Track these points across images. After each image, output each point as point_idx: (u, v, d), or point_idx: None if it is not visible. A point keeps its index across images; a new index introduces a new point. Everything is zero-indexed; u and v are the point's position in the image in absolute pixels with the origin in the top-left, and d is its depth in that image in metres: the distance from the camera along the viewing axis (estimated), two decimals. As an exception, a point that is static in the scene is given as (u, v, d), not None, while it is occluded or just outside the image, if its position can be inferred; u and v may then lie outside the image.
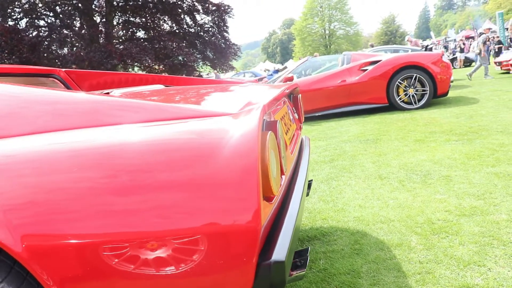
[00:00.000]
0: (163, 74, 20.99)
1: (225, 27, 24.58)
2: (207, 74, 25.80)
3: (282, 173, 1.32)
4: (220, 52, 24.38)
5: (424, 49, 10.30)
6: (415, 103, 7.14)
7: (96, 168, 1.06)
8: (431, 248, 2.16)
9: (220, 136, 1.05)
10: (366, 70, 7.44)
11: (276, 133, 1.25)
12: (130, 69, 22.90)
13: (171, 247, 1.01)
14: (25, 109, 1.32)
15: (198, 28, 24.03)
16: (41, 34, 20.95)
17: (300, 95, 2.44)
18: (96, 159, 1.08)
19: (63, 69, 2.82)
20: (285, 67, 25.12)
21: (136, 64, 21.98)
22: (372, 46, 17.57)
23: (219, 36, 24.68)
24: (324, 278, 2.04)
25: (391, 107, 7.31)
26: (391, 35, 60.54)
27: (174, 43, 22.61)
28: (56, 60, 20.41)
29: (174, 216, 1.01)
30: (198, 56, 23.90)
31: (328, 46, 56.85)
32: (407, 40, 16.03)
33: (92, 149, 1.10)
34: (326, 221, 2.75)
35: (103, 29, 21.55)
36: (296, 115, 2.27)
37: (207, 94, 1.84)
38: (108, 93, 1.75)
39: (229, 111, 1.17)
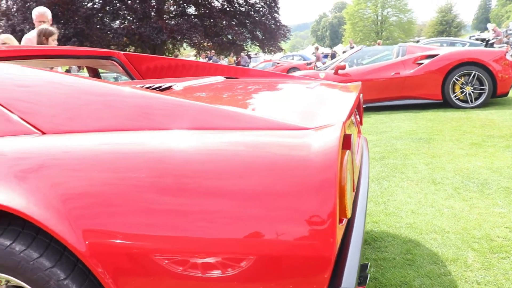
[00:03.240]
0: (212, 52, 20.93)
1: (276, 8, 24.35)
2: (255, 54, 25.66)
3: (353, 189, 1.26)
4: (270, 33, 24.22)
5: (484, 44, 9.81)
6: (471, 101, 6.83)
7: (152, 171, 1.05)
8: (489, 268, 2.05)
9: (298, 152, 1.01)
10: (422, 63, 7.16)
11: (351, 150, 1.19)
12: (179, 45, 23.09)
13: (227, 258, 0.98)
14: (80, 100, 1.32)
15: (249, 7, 23.90)
16: (95, 6, 21.39)
17: (362, 94, 2.35)
18: (153, 162, 1.06)
19: (122, 52, 2.83)
20: (334, 52, 24.66)
21: (185, 40, 22.14)
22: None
23: (270, 17, 24.49)
24: (374, 289, 1.98)
25: (445, 104, 7.03)
26: (446, 25, 58.18)
27: (224, 21, 22.64)
28: (108, 32, 20.85)
29: (239, 227, 0.98)
30: (247, 35, 23.82)
31: (380, 33, 55.41)
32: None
33: (152, 153, 1.08)
34: (377, 225, 2.67)
35: (155, 4, 21.75)
36: (358, 117, 2.19)
37: (275, 94, 1.79)
38: (170, 86, 1.72)
39: (307, 125, 1.12)
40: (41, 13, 4.07)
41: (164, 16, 22.41)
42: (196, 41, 22.19)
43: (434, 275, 2.04)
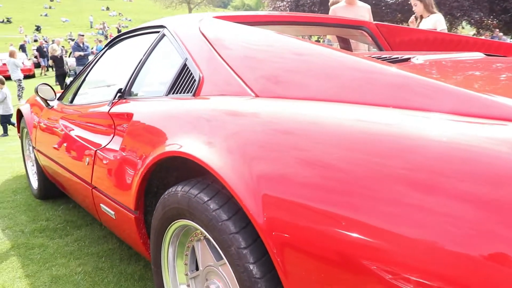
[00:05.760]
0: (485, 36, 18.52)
1: None
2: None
3: None
4: None
5: None
6: None
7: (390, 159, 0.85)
8: None
9: None
10: None
11: None
12: (456, 24, 21.25)
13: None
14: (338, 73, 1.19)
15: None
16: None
17: None
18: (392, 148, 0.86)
19: (375, 22, 2.66)
20: None
21: (465, 18, 20.19)
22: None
23: None
24: None
25: None
26: None
27: (518, -5, 19.66)
28: (383, 8, 20.70)
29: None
30: (545, 11, 20.19)
31: None
32: None
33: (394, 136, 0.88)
34: None
35: (437, -22, 20.45)
36: None
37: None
38: (408, 58, 1.48)
39: None
40: None
41: (445, -10, 20.84)
42: (478, 18, 19.93)
43: None
